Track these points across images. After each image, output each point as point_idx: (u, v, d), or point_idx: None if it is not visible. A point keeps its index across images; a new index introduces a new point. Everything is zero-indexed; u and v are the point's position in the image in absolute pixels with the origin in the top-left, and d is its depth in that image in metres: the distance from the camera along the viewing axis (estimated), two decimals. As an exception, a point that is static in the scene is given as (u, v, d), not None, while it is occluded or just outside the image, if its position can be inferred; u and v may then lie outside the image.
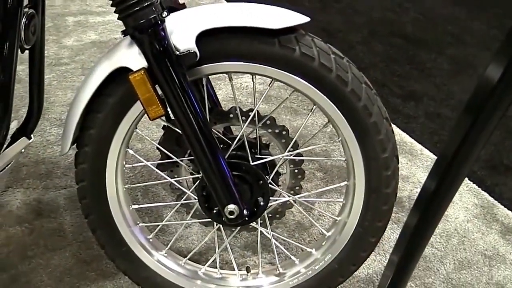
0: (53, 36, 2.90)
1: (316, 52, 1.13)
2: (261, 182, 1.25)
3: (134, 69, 1.08)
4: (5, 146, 1.32)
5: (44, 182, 1.83)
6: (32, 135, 1.39)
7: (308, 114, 1.25)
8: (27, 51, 1.25)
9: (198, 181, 1.25)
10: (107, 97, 1.16)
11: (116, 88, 1.16)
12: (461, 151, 0.83)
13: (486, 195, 2.01)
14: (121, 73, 1.11)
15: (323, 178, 2.00)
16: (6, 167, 1.35)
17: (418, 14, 3.66)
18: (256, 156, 1.28)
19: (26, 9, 1.18)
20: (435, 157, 1.86)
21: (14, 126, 1.35)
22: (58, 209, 1.73)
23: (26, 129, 1.36)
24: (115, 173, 1.25)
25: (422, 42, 3.25)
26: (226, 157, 1.23)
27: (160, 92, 1.09)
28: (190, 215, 1.36)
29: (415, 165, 2.14)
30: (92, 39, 2.90)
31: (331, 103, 1.16)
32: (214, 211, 1.26)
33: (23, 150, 1.36)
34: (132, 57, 1.10)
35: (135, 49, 1.09)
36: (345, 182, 1.29)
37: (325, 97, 1.15)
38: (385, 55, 3.05)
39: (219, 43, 1.11)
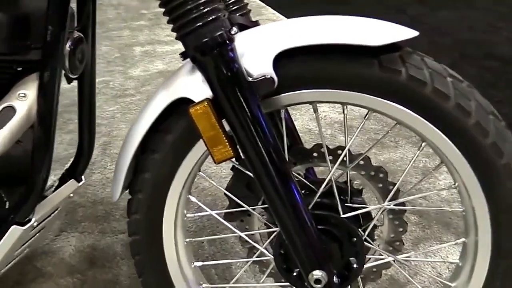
0: (120, 67, 2.79)
1: (429, 74, 0.87)
2: (355, 239, 0.99)
3: (196, 100, 0.86)
4: (52, 189, 1.14)
5: (101, 225, 1.65)
6: (82, 177, 1.20)
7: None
8: (74, 82, 1.07)
9: (274, 234, 1.01)
10: (164, 134, 0.95)
11: (176, 124, 0.94)
12: None
13: None
14: (182, 105, 0.90)
15: (419, 223, 1.71)
16: (53, 214, 1.16)
17: (512, 34, 3.31)
18: (347, 205, 1.03)
19: (72, 32, 1.00)
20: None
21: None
22: (115, 258, 1.53)
23: (75, 171, 1.17)
24: (174, 224, 1.03)
25: (521, 64, 2.90)
26: (309, 207, 0.98)
27: (228, 128, 0.87)
28: (266, 275, 1.12)
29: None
30: (159, 69, 2.76)
31: (447, 139, 0.89)
32: (295, 274, 1.01)
33: (71, 195, 1.18)
34: (193, 86, 0.89)
35: (198, 76, 0.87)
36: (463, 239, 1.01)
37: (439, 132, 0.89)
38: (481, 79, 2.72)
39: (302, 66, 0.88)
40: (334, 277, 0.95)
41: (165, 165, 0.97)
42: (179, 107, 0.91)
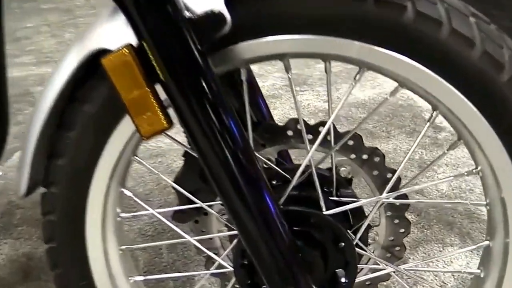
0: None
1: (444, 11, 0.62)
2: (343, 244, 0.74)
3: (113, 49, 0.60)
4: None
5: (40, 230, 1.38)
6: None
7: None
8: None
9: (236, 241, 0.75)
10: (81, 104, 0.69)
11: (96, 89, 0.69)
12: None
13: None
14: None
15: (417, 223, 1.46)
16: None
17: None
18: (331, 199, 0.77)
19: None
20: None
21: None
22: (53, 269, 1.27)
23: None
24: (102, 227, 0.77)
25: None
26: (281, 202, 0.73)
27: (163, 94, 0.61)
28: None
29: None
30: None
31: (470, 104, 0.64)
32: (263, 293, 0.76)
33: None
34: (113, 32, 0.63)
35: (120, 19, 0.61)
36: (486, 242, 0.76)
37: (458, 93, 0.64)
38: None
39: (269, 0, 0.63)
40: (315, 297, 0.69)
41: (84, 146, 0.71)
42: (99, 66, 0.65)
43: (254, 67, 0.92)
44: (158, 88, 0.60)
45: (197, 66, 0.59)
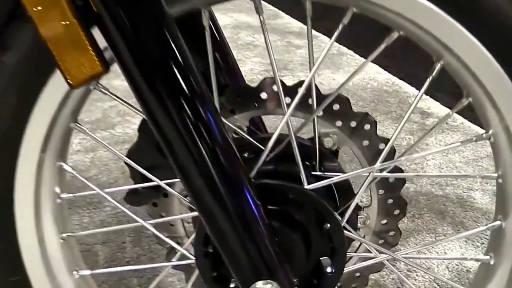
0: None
1: None
2: (328, 225, 0.60)
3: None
4: None
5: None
6: None
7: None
8: None
9: (198, 226, 0.62)
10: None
11: (17, 34, 0.55)
12: None
13: None
14: None
15: (408, 212, 1.33)
16: None
17: None
18: (314, 174, 0.65)
19: None
20: None
21: None
22: None
23: None
24: (36, 210, 0.63)
25: None
26: (252, 176, 0.60)
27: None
28: (189, 285, 0.73)
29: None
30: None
31: (483, 48, 0.52)
32: (231, 287, 0.62)
33: None
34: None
35: None
36: (498, 222, 0.63)
37: (470, 34, 0.51)
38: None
39: None
40: (294, 291, 0.56)
41: (5, 109, 0.57)
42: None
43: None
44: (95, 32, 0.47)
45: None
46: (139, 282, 1.08)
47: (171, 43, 0.48)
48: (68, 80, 0.46)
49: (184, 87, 0.49)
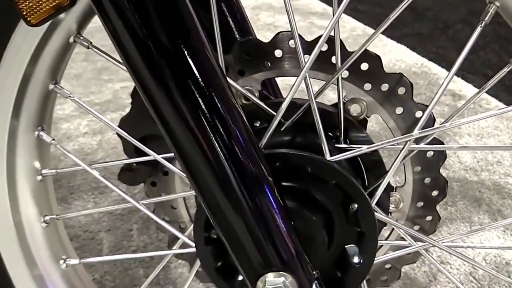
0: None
1: None
2: (355, 206, 0.50)
3: None
4: None
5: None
6: None
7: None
8: None
9: (196, 207, 0.52)
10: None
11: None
12: None
13: None
14: None
15: (440, 199, 1.22)
16: None
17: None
18: (338, 146, 0.54)
19: None
20: None
21: None
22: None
23: None
24: (9, 188, 0.54)
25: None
26: (262, 145, 0.49)
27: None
28: (191, 277, 0.63)
29: None
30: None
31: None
32: (239, 280, 0.52)
33: None
34: None
35: None
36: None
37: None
38: (496, 35, 2.21)
39: None
40: (314, 285, 0.46)
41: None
42: None
43: None
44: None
45: None
46: (146, 273, 0.99)
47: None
48: (26, 16, 0.36)
49: (179, 40, 0.39)
